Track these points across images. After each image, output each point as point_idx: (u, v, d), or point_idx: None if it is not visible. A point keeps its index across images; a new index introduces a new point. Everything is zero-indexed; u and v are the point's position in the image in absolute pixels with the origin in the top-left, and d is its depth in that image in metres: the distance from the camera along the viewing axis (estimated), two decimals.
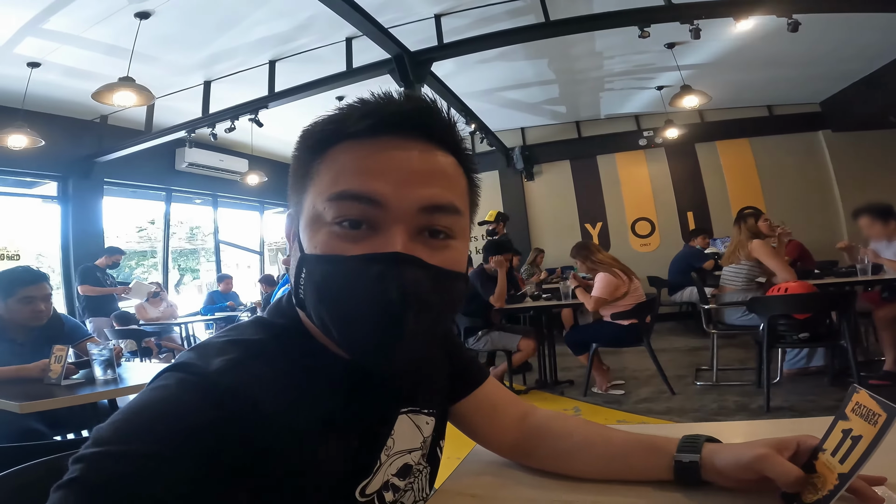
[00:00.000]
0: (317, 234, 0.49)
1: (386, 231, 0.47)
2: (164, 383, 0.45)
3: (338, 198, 0.47)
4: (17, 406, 1.48)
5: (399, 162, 0.48)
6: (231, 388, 0.45)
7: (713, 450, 0.57)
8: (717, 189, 7.05)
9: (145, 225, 11.32)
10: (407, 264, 0.46)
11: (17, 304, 1.97)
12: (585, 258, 3.60)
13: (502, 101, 6.44)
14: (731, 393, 3.28)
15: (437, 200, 0.49)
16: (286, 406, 0.47)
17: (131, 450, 0.38)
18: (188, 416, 0.41)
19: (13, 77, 4.42)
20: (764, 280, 3.36)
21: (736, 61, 5.38)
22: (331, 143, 0.50)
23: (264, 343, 0.52)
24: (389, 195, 0.47)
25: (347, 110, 0.50)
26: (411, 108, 0.50)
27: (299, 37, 4.43)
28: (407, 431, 0.61)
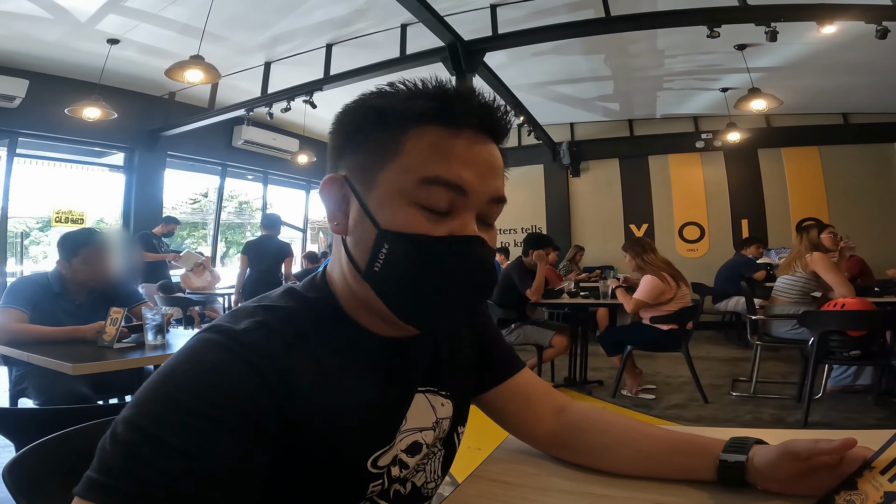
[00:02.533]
0: (400, 212, 0.51)
1: (461, 215, 0.52)
2: (194, 344, 0.49)
3: (432, 182, 0.50)
4: (69, 367, 1.50)
5: (483, 156, 0.53)
6: (256, 346, 0.48)
7: (758, 450, 0.57)
8: (778, 197, 6.72)
9: (198, 198, 11.87)
10: (482, 245, 0.53)
11: (80, 265, 2.02)
12: (637, 255, 3.50)
13: (553, 94, 6.35)
14: (767, 406, 3.19)
15: (500, 193, 0.55)
16: (310, 371, 0.50)
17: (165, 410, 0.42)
18: (216, 373, 0.45)
19: (93, 53, 4.71)
20: (819, 294, 3.24)
21: (812, 66, 5.11)
22: (419, 123, 0.52)
23: (294, 311, 0.54)
24: (474, 185, 0.51)
25: (440, 92, 0.53)
26: (488, 110, 0.55)
27: (356, 21, 4.51)
28: (420, 410, 0.62)
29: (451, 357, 0.67)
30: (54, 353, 1.66)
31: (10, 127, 4.95)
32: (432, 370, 0.64)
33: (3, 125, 4.91)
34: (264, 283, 4.32)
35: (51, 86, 5.01)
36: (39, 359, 1.63)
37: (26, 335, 1.89)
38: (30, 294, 2.00)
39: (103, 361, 1.59)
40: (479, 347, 0.73)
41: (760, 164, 6.81)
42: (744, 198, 6.84)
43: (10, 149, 5.04)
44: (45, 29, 4.31)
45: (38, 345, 1.82)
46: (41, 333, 1.90)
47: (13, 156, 5.08)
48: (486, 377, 0.73)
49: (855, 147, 6.47)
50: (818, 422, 2.83)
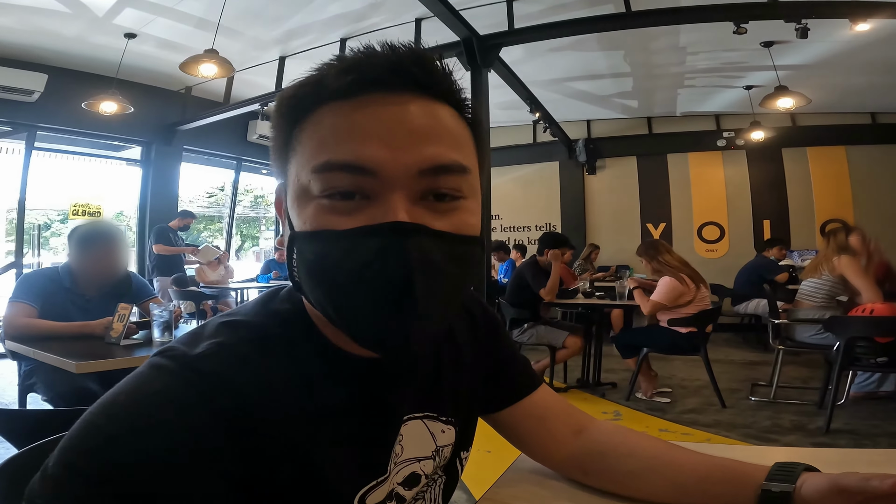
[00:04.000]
0: (305, 209, 0.43)
1: (383, 199, 0.42)
2: (141, 370, 0.42)
3: (323, 169, 0.42)
4: (73, 365, 1.48)
5: (390, 120, 0.42)
6: (211, 374, 0.42)
7: (808, 479, 0.50)
8: (802, 198, 6.55)
9: (215, 191, 12.00)
10: (411, 233, 0.41)
11: (91, 258, 2.00)
12: (652, 258, 3.42)
13: (570, 91, 6.25)
14: (788, 411, 3.12)
15: (439, 160, 0.43)
16: (278, 399, 0.44)
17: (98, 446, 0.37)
18: (161, 406, 0.39)
19: (111, 48, 4.74)
20: (846, 299, 3.15)
21: (841, 64, 4.95)
22: (311, 108, 0.44)
23: (263, 328, 0.48)
24: (382, 160, 0.41)
25: (323, 69, 0.44)
26: (398, 58, 0.43)
27: (371, 15, 4.47)
28: (418, 438, 0.55)
29: (453, 376, 0.61)
30: (60, 349, 1.65)
31: (28, 121, 5.02)
32: (430, 393, 0.58)
33: (22, 119, 4.98)
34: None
35: (69, 80, 5.07)
36: (44, 355, 1.62)
37: (34, 330, 1.88)
38: (39, 288, 1.99)
39: (107, 360, 1.57)
40: (487, 360, 0.67)
41: (784, 164, 6.63)
42: (766, 198, 6.68)
43: (28, 142, 5.12)
44: (63, 23, 4.35)
45: (45, 340, 1.81)
46: (49, 328, 1.89)
47: (31, 149, 5.15)
48: (496, 395, 0.67)
49: (883, 147, 6.27)
50: (840, 429, 2.76)
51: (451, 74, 0.46)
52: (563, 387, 3.86)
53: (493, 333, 0.69)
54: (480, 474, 2.27)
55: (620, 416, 3.22)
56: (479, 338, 0.66)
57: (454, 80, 0.46)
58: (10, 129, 5.09)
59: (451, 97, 0.46)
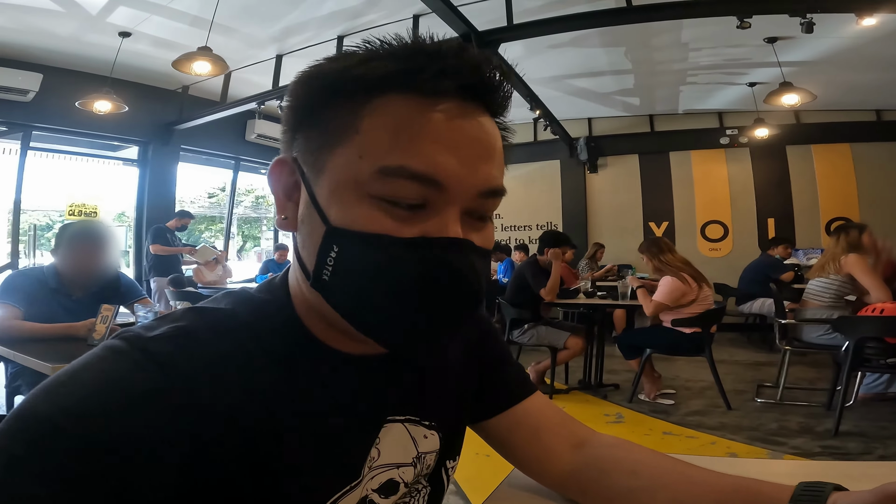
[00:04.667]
0: (354, 207, 0.40)
1: (440, 212, 0.41)
2: (94, 352, 0.40)
3: (394, 174, 0.39)
4: (49, 368, 1.43)
5: (469, 134, 0.41)
6: (165, 358, 0.39)
7: (838, 498, 0.44)
8: (807, 196, 6.49)
9: (216, 191, 12.01)
10: (466, 251, 0.41)
11: (77, 257, 1.97)
12: (654, 256, 3.37)
13: (571, 89, 6.19)
14: (795, 413, 3.06)
15: (493, 184, 0.43)
16: (240, 391, 0.41)
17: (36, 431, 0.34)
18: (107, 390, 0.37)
19: (106, 46, 4.71)
20: (854, 298, 3.09)
21: (847, 60, 4.88)
22: (383, 92, 0.40)
23: (230, 315, 0.45)
24: (453, 176, 0.40)
25: (410, 52, 0.41)
26: (491, 78, 0.42)
27: (368, 12, 4.43)
28: (397, 443, 0.52)
29: (440, 380, 0.57)
30: (40, 351, 1.61)
31: (24, 120, 5.00)
32: (414, 396, 0.54)
33: (18, 118, 4.96)
34: None
35: (64, 79, 5.04)
36: (22, 357, 1.58)
37: (18, 332, 1.83)
38: (25, 289, 1.95)
39: None
40: (479, 366, 0.62)
41: (789, 162, 6.58)
42: (770, 196, 6.63)
43: (23, 142, 5.09)
44: (56, 22, 4.32)
45: (28, 342, 1.76)
46: (34, 330, 1.85)
47: (27, 149, 5.12)
48: (486, 402, 0.63)
49: (888, 145, 6.21)
50: (850, 431, 2.71)
51: (510, 99, 0.46)
52: (565, 388, 3.80)
53: (483, 336, 0.64)
54: (478, 480, 2.23)
55: (623, 418, 3.16)
56: (469, 341, 0.62)
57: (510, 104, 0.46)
58: (6, 129, 5.06)
59: (502, 118, 0.46)
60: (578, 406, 3.44)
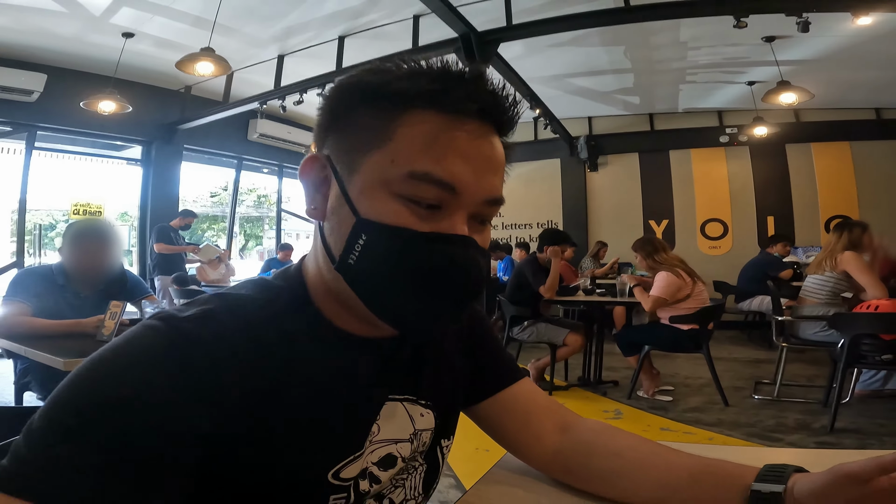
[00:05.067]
0: (384, 203, 0.47)
1: (452, 214, 0.48)
2: (133, 330, 0.45)
3: (420, 178, 0.46)
4: (61, 363, 1.47)
5: (483, 151, 0.49)
6: (192, 335, 0.44)
7: (799, 479, 0.49)
8: (806, 194, 6.51)
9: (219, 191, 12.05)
10: (472, 247, 0.49)
11: (83, 254, 1.99)
12: (648, 254, 3.41)
13: (571, 87, 6.21)
14: (792, 410, 3.08)
15: (496, 194, 0.50)
16: (257, 367, 0.46)
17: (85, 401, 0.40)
18: (146, 364, 0.42)
19: (109, 47, 4.74)
20: (850, 295, 3.11)
21: (844, 59, 4.90)
22: (415, 107, 0.47)
23: (250, 300, 0.50)
24: (467, 184, 0.47)
25: (446, 80, 0.48)
26: (498, 97, 0.49)
27: (368, 12, 4.45)
28: (396, 420, 0.56)
29: (435, 363, 0.61)
30: (51, 347, 1.63)
31: (28, 120, 5.03)
32: (412, 377, 0.59)
33: (22, 119, 4.99)
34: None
35: (68, 80, 5.07)
36: (35, 353, 1.61)
37: (28, 328, 1.87)
38: (33, 286, 1.98)
39: None
40: (471, 353, 0.67)
41: (788, 160, 6.59)
42: (770, 194, 6.64)
43: (28, 142, 5.12)
44: (60, 23, 4.35)
45: (38, 339, 1.79)
46: (42, 327, 1.88)
47: (32, 149, 5.15)
48: (477, 386, 0.67)
49: (887, 143, 6.22)
50: (845, 428, 2.73)
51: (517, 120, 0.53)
52: (564, 385, 3.83)
53: (475, 323, 0.69)
54: (478, 473, 2.26)
55: (622, 414, 3.19)
56: (463, 329, 0.67)
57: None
58: (10, 130, 5.10)
59: (508, 140, 0.53)
60: (578, 403, 3.47)
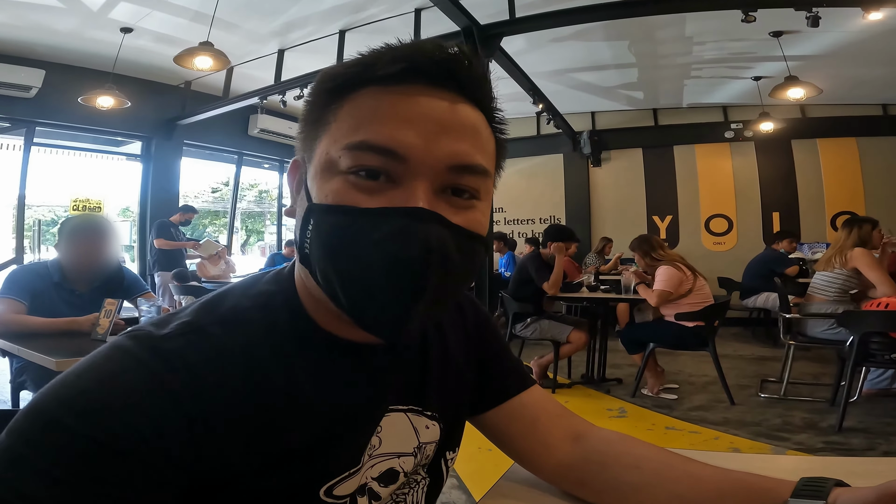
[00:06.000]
0: (328, 182, 0.43)
1: (407, 185, 0.42)
2: (101, 350, 0.42)
3: (356, 147, 0.42)
4: (53, 363, 1.44)
5: (428, 111, 0.43)
6: (172, 356, 0.41)
7: (840, 494, 0.44)
8: (812, 190, 6.43)
9: (220, 186, 12.03)
10: (430, 221, 0.42)
11: (78, 250, 1.97)
12: (645, 253, 3.40)
13: (574, 82, 6.15)
14: (799, 409, 3.04)
15: (465, 160, 0.44)
16: (244, 385, 0.43)
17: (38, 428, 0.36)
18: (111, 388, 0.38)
19: (106, 42, 4.70)
20: (856, 291, 3.08)
21: (852, 55, 4.83)
22: (354, 88, 0.45)
23: (241, 309, 0.47)
24: (415, 148, 0.42)
25: (376, 53, 0.45)
26: (445, 56, 0.44)
27: (369, 6, 4.40)
28: (399, 432, 0.53)
29: (441, 370, 0.58)
30: (44, 346, 1.61)
31: (27, 116, 4.99)
32: (416, 386, 0.55)
33: (21, 115, 4.96)
34: None
35: (67, 75, 5.03)
36: (27, 352, 1.58)
37: (22, 326, 1.84)
38: (28, 284, 1.95)
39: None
40: (477, 358, 0.63)
41: (794, 156, 6.52)
42: (775, 190, 6.57)
43: (27, 138, 5.09)
44: (58, 19, 4.31)
45: (32, 337, 1.77)
46: (38, 325, 1.85)
47: (31, 145, 5.12)
48: (483, 394, 0.63)
49: (894, 139, 6.15)
50: (853, 427, 2.69)
51: (487, 80, 0.47)
52: (567, 382, 3.79)
53: (482, 328, 0.66)
54: (480, 474, 2.23)
55: (626, 413, 3.16)
56: (468, 334, 0.64)
57: (490, 87, 0.48)
58: (9, 126, 5.06)
59: (486, 105, 0.47)
60: (581, 400, 3.44)
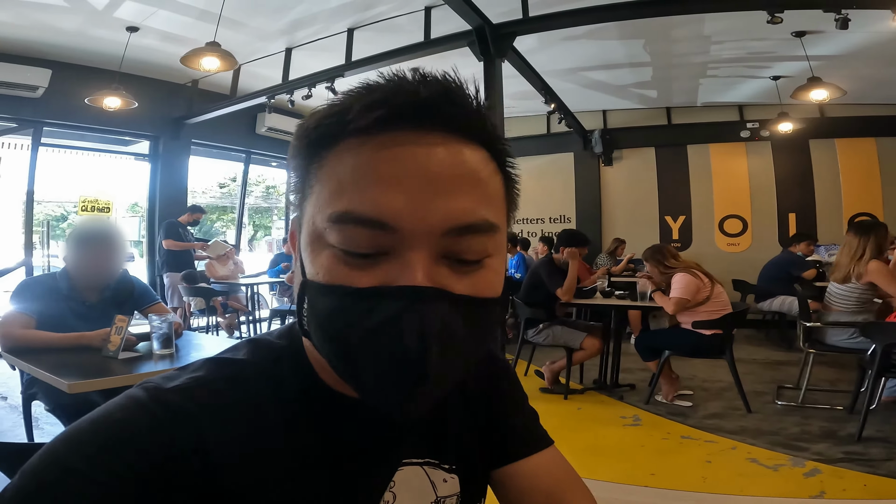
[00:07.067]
0: (318, 257, 0.40)
1: (401, 256, 0.38)
2: (115, 399, 0.41)
3: (340, 220, 0.38)
4: (65, 385, 1.41)
5: (414, 165, 0.38)
6: (176, 408, 0.40)
7: None
8: (830, 191, 6.31)
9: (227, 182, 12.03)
10: (429, 300, 0.37)
11: (86, 257, 1.95)
12: (659, 263, 3.34)
13: (586, 81, 6.05)
14: (817, 417, 3.00)
15: (465, 219, 0.38)
16: (248, 436, 0.42)
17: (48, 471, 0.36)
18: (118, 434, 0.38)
19: (114, 41, 4.65)
20: (877, 299, 3.03)
21: (875, 55, 4.72)
22: (331, 142, 0.40)
23: (250, 365, 0.46)
24: (403, 215, 0.37)
25: (348, 99, 0.40)
26: (429, 94, 0.38)
27: (378, 4, 4.33)
28: (414, 487, 0.50)
29: (460, 421, 0.55)
30: (55, 364, 1.59)
31: (34, 116, 4.96)
32: (433, 437, 0.52)
33: (28, 115, 4.91)
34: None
35: (73, 75, 4.99)
36: (39, 372, 1.56)
37: (31, 342, 1.82)
38: (36, 296, 1.93)
39: (101, 378, 1.50)
40: (492, 409, 0.59)
41: (812, 156, 6.39)
42: (792, 191, 6.45)
43: (34, 138, 5.06)
44: (64, 18, 4.26)
45: (43, 352, 1.75)
46: (46, 340, 1.83)
47: (38, 145, 5.10)
48: (494, 449, 0.58)
49: None
50: (873, 436, 2.65)
51: (484, 112, 0.41)
52: (580, 389, 3.74)
53: (502, 379, 0.62)
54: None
55: (640, 420, 3.11)
56: (483, 383, 0.60)
57: (487, 118, 0.41)
58: (16, 126, 5.04)
59: (483, 137, 0.41)
60: (594, 407, 3.39)
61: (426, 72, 0.40)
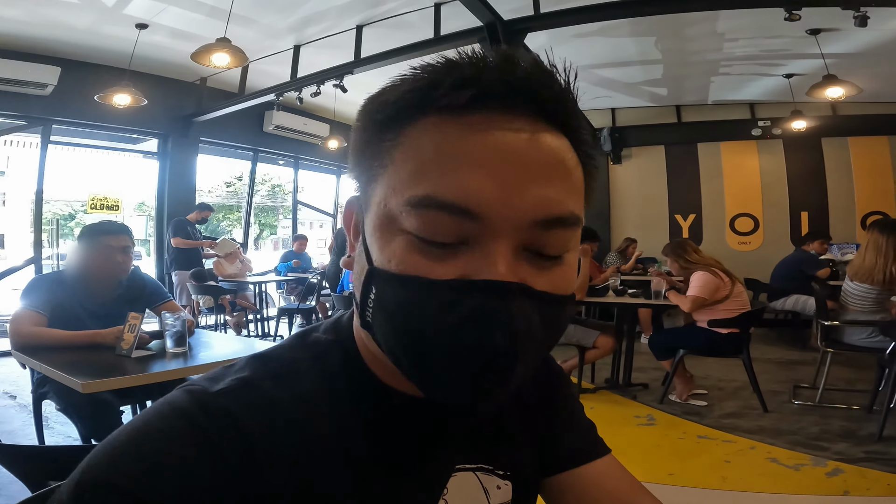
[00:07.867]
0: (390, 243, 0.37)
1: (483, 247, 0.35)
2: (156, 406, 0.39)
3: (421, 204, 0.35)
4: (79, 385, 1.41)
5: (505, 149, 0.35)
6: (223, 413, 0.38)
7: None
8: (843, 190, 6.24)
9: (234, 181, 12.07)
10: (515, 296, 0.35)
11: (97, 255, 1.95)
12: (679, 256, 3.29)
13: (595, 78, 6.00)
14: (835, 416, 2.97)
15: (555, 211, 0.36)
16: (296, 438, 0.40)
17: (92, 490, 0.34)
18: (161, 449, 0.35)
19: (123, 38, 4.64)
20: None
21: (890, 53, 4.65)
22: (411, 118, 0.37)
23: (295, 361, 0.44)
24: (493, 203, 0.34)
25: (435, 75, 0.37)
26: (524, 73, 0.36)
27: (387, 0, 4.30)
28: (468, 492, 0.48)
29: (514, 426, 0.53)
30: (68, 363, 1.58)
31: (43, 114, 4.95)
32: (487, 442, 0.50)
33: (37, 112, 4.91)
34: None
35: (82, 73, 4.99)
36: (51, 371, 1.55)
37: (43, 340, 1.80)
38: (48, 294, 1.92)
39: (115, 378, 1.49)
40: (547, 415, 0.57)
41: (824, 154, 6.33)
42: (805, 189, 6.39)
43: (43, 136, 5.06)
44: (73, 15, 4.26)
45: (55, 351, 1.74)
46: (59, 338, 1.81)
47: (48, 143, 5.10)
48: (547, 456, 0.55)
49: None
50: (894, 436, 2.62)
51: (570, 95, 0.39)
52: (592, 388, 3.70)
53: (556, 384, 0.59)
54: None
55: (655, 420, 3.07)
56: (541, 386, 0.58)
57: (576, 106, 0.39)
58: (25, 124, 5.04)
59: (570, 125, 0.39)
60: (607, 407, 3.35)
61: (509, 51, 0.37)
